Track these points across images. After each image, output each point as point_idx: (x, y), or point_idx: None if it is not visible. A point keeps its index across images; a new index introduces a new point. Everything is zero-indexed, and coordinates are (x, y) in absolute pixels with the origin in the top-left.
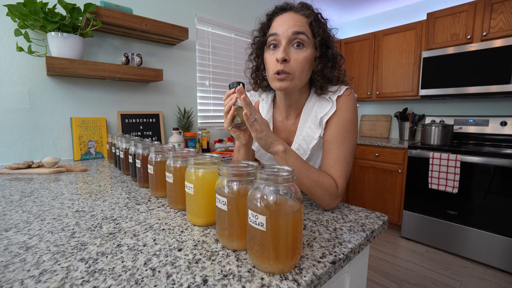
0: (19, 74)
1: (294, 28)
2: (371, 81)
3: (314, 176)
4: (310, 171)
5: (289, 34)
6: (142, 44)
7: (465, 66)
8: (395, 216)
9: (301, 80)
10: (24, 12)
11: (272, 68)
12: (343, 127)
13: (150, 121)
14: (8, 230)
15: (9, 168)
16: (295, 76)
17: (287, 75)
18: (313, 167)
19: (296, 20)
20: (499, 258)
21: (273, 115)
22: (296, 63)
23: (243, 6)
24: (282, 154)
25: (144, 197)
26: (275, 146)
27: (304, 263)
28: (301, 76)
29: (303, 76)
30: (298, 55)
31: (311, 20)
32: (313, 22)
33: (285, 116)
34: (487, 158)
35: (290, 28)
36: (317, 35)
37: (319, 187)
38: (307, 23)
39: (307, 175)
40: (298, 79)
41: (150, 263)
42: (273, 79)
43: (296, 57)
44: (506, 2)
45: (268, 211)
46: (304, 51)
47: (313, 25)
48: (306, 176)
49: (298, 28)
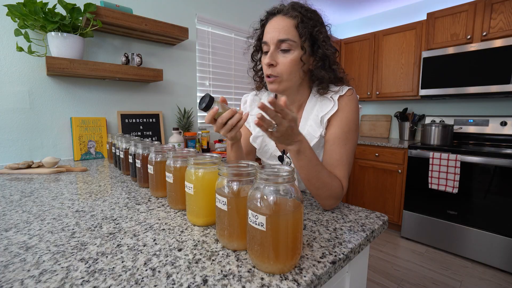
0: (19, 74)
1: (279, 36)
2: (371, 81)
3: (326, 178)
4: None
5: (274, 41)
6: (142, 44)
7: (465, 66)
8: (395, 216)
9: (291, 81)
10: (24, 12)
11: (264, 71)
12: (345, 128)
13: (150, 121)
14: (8, 230)
15: (9, 168)
16: (283, 78)
17: (275, 78)
18: (325, 168)
19: (282, 25)
20: (499, 258)
21: None
22: (283, 66)
23: (243, 6)
24: (295, 154)
25: (144, 197)
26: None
27: (304, 263)
28: (290, 77)
29: (292, 77)
30: (285, 59)
31: (297, 21)
32: (300, 23)
33: None
34: (487, 158)
35: (275, 36)
36: (303, 35)
37: (327, 189)
38: (294, 25)
39: (318, 176)
40: (287, 81)
41: (150, 263)
42: (267, 82)
43: (282, 60)
44: (506, 2)
45: (268, 211)
46: (291, 53)
47: (299, 26)
48: (318, 177)
49: (282, 35)
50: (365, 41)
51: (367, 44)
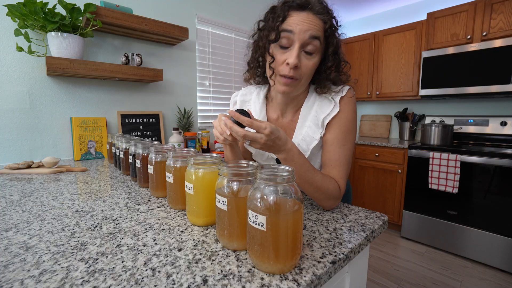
0: (19, 74)
1: (312, 31)
2: (371, 81)
3: (319, 182)
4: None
5: (305, 37)
6: (142, 44)
7: (465, 66)
8: (395, 216)
9: (305, 85)
10: (24, 12)
11: (280, 69)
12: (344, 128)
13: (150, 121)
14: (8, 230)
15: (9, 168)
16: (301, 82)
17: (295, 81)
18: (318, 171)
19: (315, 23)
20: (499, 258)
21: (266, 113)
22: (306, 69)
23: (243, 6)
24: (283, 161)
25: (144, 197)
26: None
27: (304, 263)
28: (307, 81)
29: (308, 81)
30: (309, 62)
31: (327, 26)
32: (329, 29)
33: (280, 114)
34: (487, 158)
35: (308, 30)
36: (331, 44)
37: (322, 192)
38: (323, 28)
39: (311, 182)
40: (303, 85)
41: (150, 263)
42: (279, 82)
43: (306, 63)
44: (506, 2)
45: (268, 211)
46: (313, 57)
47: (328, 32)
48: (310, 182)
49: (315, 32)
50: (365, 41)
51: (367, 44)
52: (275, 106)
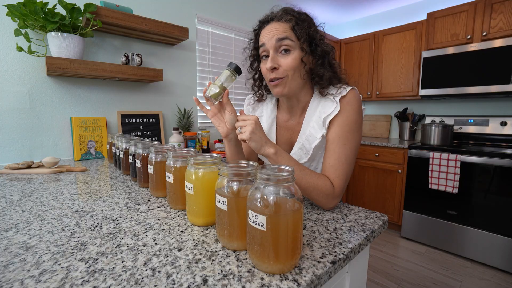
0: (19, 74)
1: (277, 35)
2: (371, 81)
3: (308, 178)
4: (304, 172)
5: (273, 42)
6: (142, 44)
7: (465, 66)
8: (395, 216)
9: (296, 81)
10: (24, 12)
11: (267, 77)
12: (346, 127)
13: (150, 121)
14: (8, 230)
15: (9, 168)
16: (288, 79)
17: (280, 80)
18: (307, 168)
19: (278, 28)
20: (499, 258)
21: (276, 115)
22: (286, 66)
23: (243, 6)
24: (273, 156)
25: (144, 197)
26: (266, 149)
27: (304, 263)
28: (294, 77)
29: (296, 77)
30: (286, 59)
31: (292, 24)
32: (295, 26)
33: (289, 117)
34: (487, 158)
35: (273, 36)
36: (301, 36)
37: (313, 189)
38: (290, 28)
39: (301, 176)
40: (292, 81)
41: (150, 263)
42: (270, 87)
43: (284, 61)
44: (506, 2)
45: (268, 211)
46: (291, 54)
47: (295, 28)
48: (300, 177)
49: (280, 34)
50: (365, 41)
51: (367, 44)
52: (283, 109)
